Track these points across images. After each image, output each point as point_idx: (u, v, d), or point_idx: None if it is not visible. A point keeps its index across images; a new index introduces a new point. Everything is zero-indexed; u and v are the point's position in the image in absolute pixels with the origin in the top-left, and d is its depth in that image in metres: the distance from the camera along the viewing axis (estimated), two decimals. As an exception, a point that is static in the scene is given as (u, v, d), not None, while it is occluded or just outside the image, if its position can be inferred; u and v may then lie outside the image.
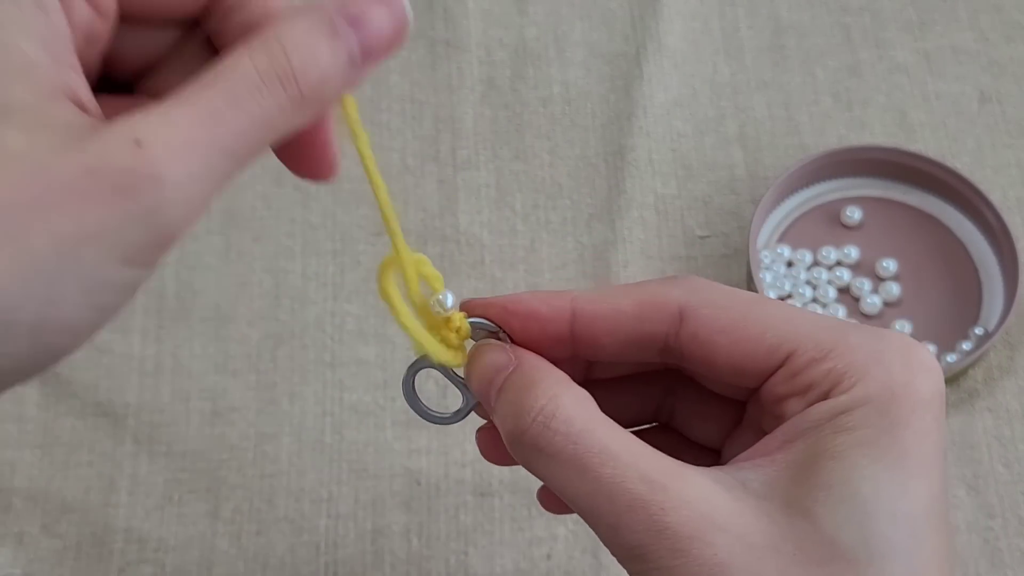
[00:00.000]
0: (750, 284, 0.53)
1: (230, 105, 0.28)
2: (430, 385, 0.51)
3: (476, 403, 0.35)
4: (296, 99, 0.29)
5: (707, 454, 0.36)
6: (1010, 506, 0.50)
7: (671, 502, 0.29)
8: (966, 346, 0.52)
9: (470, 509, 0.49)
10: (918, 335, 0.53)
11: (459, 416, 0.35)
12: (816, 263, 0.55)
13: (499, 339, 0.34)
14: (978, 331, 0.53)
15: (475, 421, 0.51)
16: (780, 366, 0.32)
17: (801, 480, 0.30)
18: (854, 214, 0.56)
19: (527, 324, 0.34)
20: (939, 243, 0.55)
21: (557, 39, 0.61)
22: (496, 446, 0.35)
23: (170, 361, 0.53)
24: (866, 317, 0.54)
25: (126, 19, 0.30)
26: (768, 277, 0.54)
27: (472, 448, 0.51)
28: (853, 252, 0.55)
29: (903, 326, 0.53)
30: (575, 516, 0.49)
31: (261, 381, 0.52)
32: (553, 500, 0.35)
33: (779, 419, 0.33)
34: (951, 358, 0.52)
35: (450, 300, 0.33)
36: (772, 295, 0.54)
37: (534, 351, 0.34)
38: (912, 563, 0.30)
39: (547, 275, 0.55)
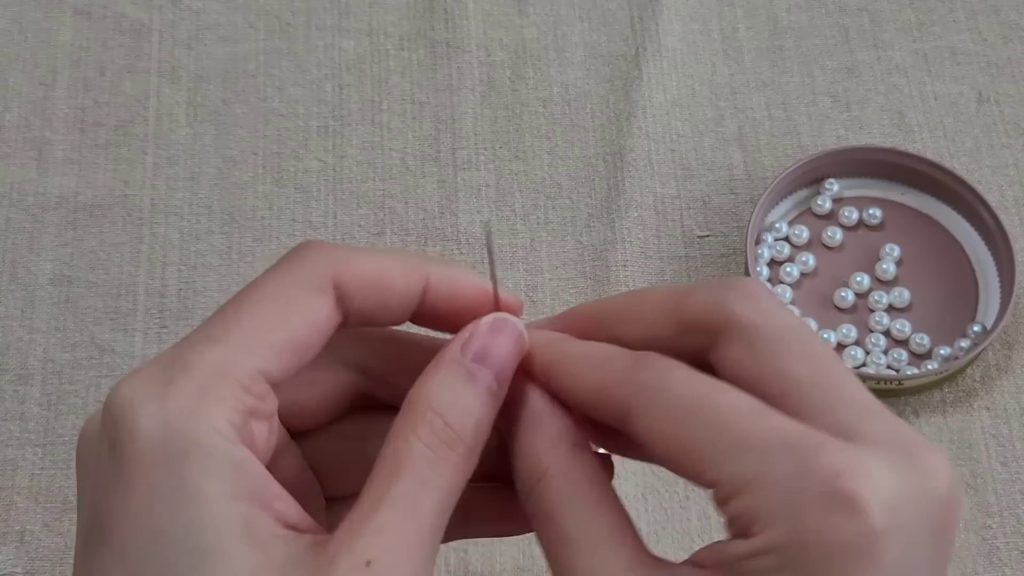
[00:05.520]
0: (749, 284, 0.53)
1: (421, 490, 0.30)
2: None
3: None
4: (464, 454, 0.31)
5: None
6: (1008, 504, 0.50)
7: (582, 542, 0.32)
8: (963, 345, 0.53)
9: (470, 507, 0.50)
10: (915, 334, 0.53)
11: None
12: (814, 263, 0.56)
13: None
14: (975, 330, 0.53)
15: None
16: (711, 486, 0.30)
17: None
18: (852, 214, 0.56)
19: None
20: (936, 243, 0.55)
21: (557, 40, 0.62)
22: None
23: (171, 360, 0.53)
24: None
25: (293, 430, 0.34)
26: (765, 272, 0.55)
27: (472, 447, 0.51)
28: (851, 252, 0.55)
29: (902, 325, 0.53)
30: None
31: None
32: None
33: None
34: (948, 355, 0.52)
35: None
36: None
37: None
38: None
39: (547, 275, 0.55)
